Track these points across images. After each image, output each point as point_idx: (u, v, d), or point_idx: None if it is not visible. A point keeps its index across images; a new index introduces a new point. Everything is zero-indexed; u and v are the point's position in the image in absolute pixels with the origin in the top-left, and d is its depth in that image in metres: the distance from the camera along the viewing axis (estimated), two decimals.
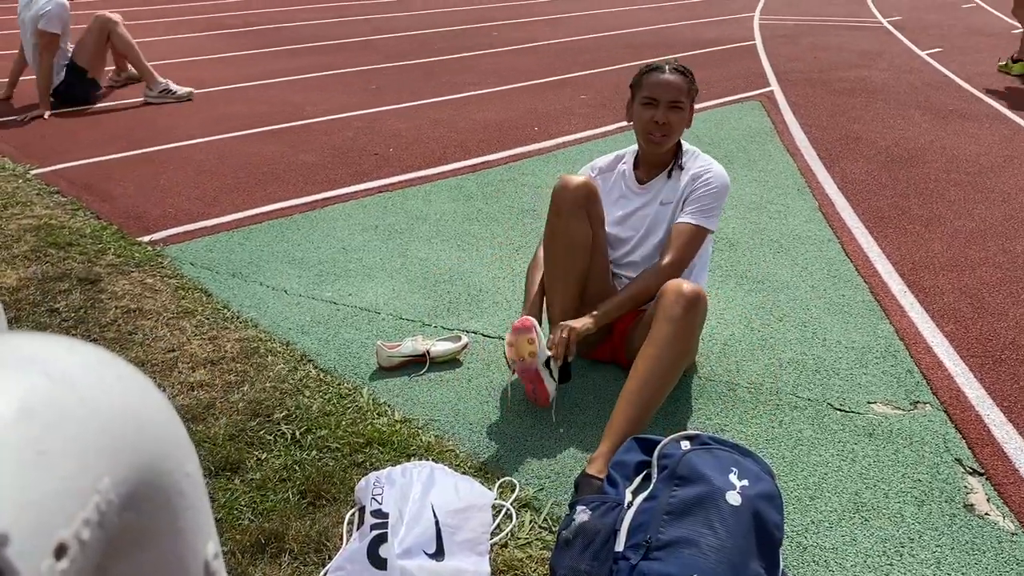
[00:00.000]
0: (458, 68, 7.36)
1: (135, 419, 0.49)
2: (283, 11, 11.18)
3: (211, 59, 7.76)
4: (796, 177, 4.35)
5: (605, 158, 2.66)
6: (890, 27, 9.58)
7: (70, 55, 5.80)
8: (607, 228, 2.49)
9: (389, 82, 6.76)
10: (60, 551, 0.41)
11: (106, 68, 6.15)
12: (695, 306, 2.11)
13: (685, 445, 1.67)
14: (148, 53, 6.35)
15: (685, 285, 2.13)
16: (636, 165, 2.54)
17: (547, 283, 2.45)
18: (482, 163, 4.63)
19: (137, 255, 3.36)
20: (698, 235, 2.39)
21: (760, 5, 11.64)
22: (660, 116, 2.36)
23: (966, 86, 6.50)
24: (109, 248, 3.42)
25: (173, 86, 6.12)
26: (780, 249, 3.46)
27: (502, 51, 8.21)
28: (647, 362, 2.06)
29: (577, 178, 2.38)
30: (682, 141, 2.50)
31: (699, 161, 2.47)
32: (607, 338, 2.52)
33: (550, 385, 2.28)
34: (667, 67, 2.39)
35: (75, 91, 5.89)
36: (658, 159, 2.47)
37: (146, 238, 3.56)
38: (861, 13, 10.84)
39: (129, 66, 6.36)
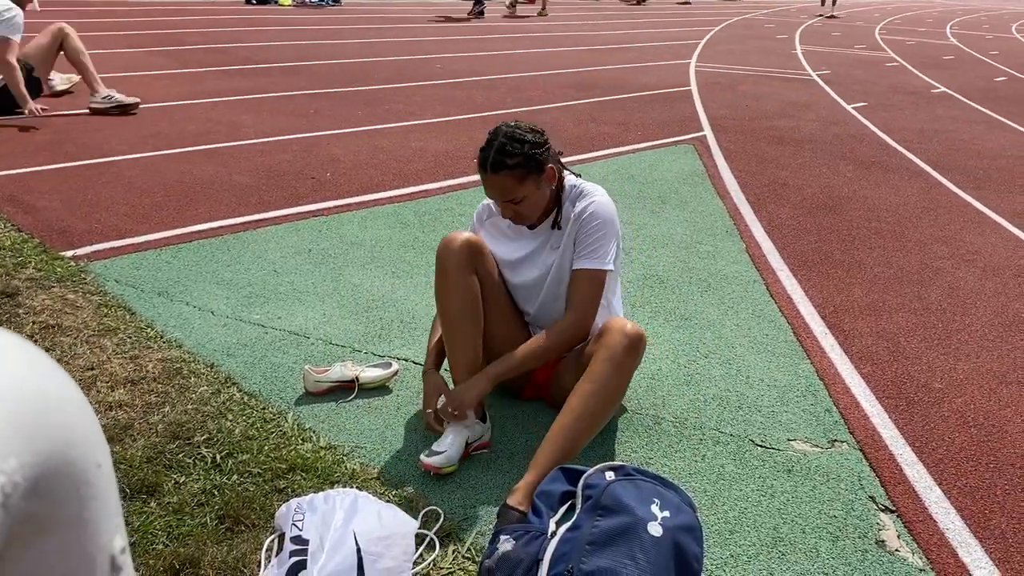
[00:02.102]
0: (400, 98, 7.38)
1: (45, 404, 0.48)
2: (216, 32, 11.07)
3: (149, 75, 7.62)
4: (725, 219, 4.47)
5: None
6: (819, 80, 9.96)
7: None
8: (508, 273, 2.45)
9: (329, 107, 6.74)
10: None
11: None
12: (636, 347, 2.13)
13: (609, 476, 1.68)
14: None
15: (628, 326, 2.14)
16: None
17: (446, 344, 2.35)
18: (420, 192, 4.64)
19: (59, 270, 3.26)
20: (596, 279, 2.32)
21: (696, 53, 12.00)
22: (506, 212, 2.29)
23: (888, 140, 6.78)
24: (29, 261, 3.32)
25: (118, 94, 6.03)
26: (708, 288, 3.54)
27: (444, 83, 8.27)
28: (582, 398, 2.06)
29: (461, 236, 2.32)
30: (563, 180, 2.37)
31: (582, 199, 2.34)
32: (529, 382, 2.52)
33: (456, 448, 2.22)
34: (488, 163, 2.19)
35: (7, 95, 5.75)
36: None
37: (69, 253, 3.46)
38: (792, 66, 11.25)
39: (53, 79, 6.28)
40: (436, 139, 5.88)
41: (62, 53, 6.01)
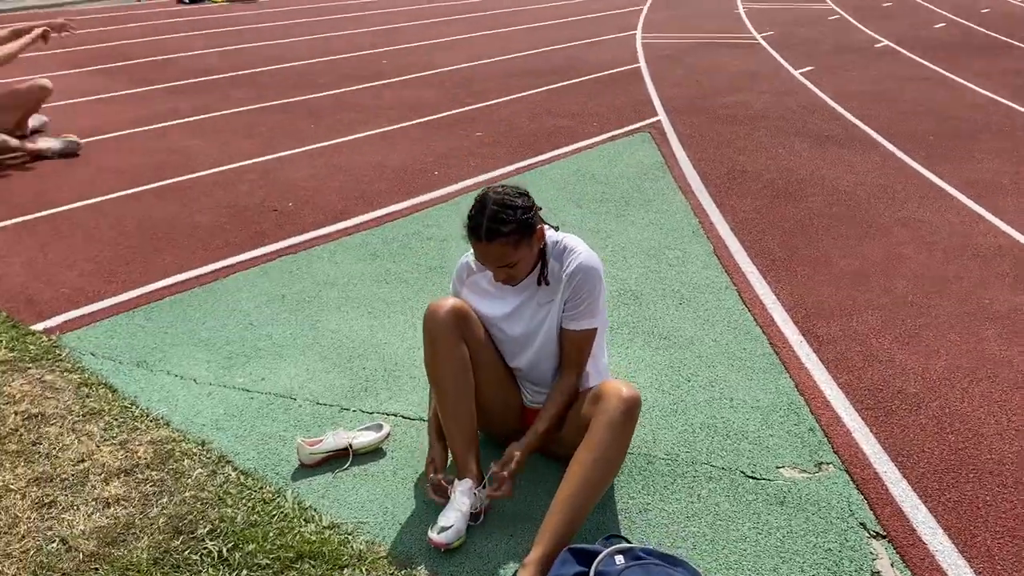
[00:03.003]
0: (349, 104, 7.29)
1: None
2: (156, 41, 10.80)
3: (88, 101, 7.44)
4: (690, 218, 4.52)
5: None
6: (765, 43, 10.03)
7: None
8: (493, 329, 2.47)
9: (276, 124, 6.64)
10: None
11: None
12: (633, 412, 2.17)
13: (619, 560, 1.73)
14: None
15: (625, 390, 2.17)
16: None
17: (440, 413, 2.37)
18: (385, 215, 4.62)
19: (32, 348, 3.22)
20: (588, 337, 2.38)
21: (641, 22, 11.99)
22: (498, 276, 2.29)
23: (839, 108, 6.88)
24: (1, 340, 3.26)
25: (56, 142, 5.86)
26: (682, 300, 3.59)
27: (393, 82, 8.18)
28: (583, 468, 2.10)
29: (446, 304, 2.34)
30: (546, 237, 2.35)
31: (568, 255, 2.35)
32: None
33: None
34: (483, 232, 2.18)
35: None
36: None
37: (40, 326, 3.41)
38: (737, 28, 11.30)
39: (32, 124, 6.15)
40: (392, 151, 5.84)
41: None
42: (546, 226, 2.42)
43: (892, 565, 2.14)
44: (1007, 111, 6.82)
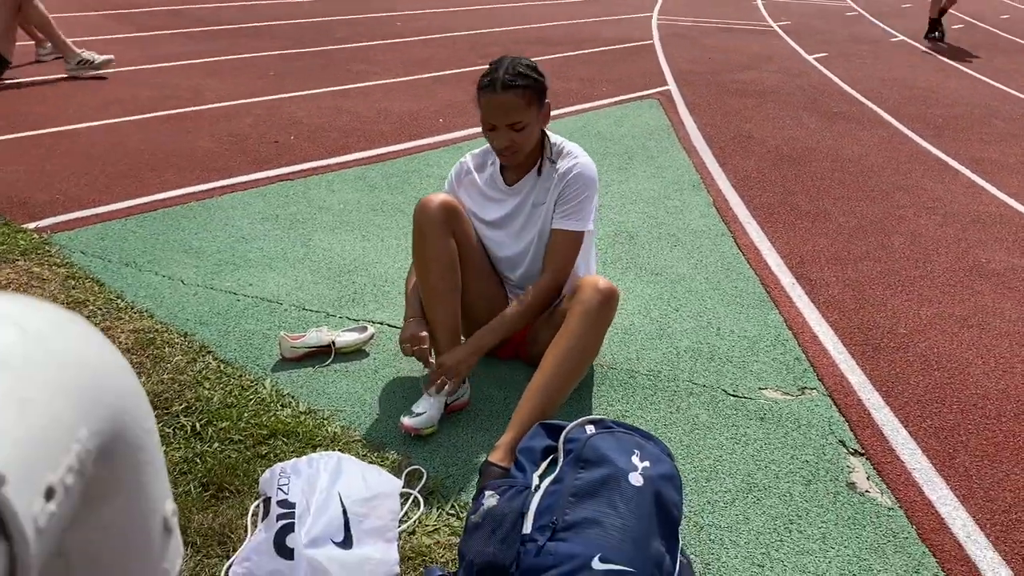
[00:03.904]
0: (361, 57, 7.27)
1: (101, 374, 0.51)
2: None
3: (102, 40, 7.41)
4: (692, 174, 4.50)
5: (477, 153, 2.53)
6: (780, 31, 9.98)
7: None
8: (485, 232, 2.46)
9: (289, 69, 6.63)
10: (49, 493, 0.44)
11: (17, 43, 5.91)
12: (609, 302, 2.16)
13: (590, 429, 1.72)
14: None
15: (601, 282, 2.16)
16: (503, 166, 2.43)
17: (425, 306, 2.35)
18: (387, 153, 4.60)
19: (22, 243, 3.20)
20: (575, 240, 2.35)
21: (658, 6, 11.94)
22: (502, 140, 2.25)
23: (849, 90, 6.84)
24: None
25: (89, 55, 5.99)
26: (677, 243, 3.57)
27: (406, 41, 8.16)
28: (558, 355, 2.09)
29: (437, 198, 2.32)
30: (547, 134, 2.39)
31: (566, 158, 2.36)
32: (505, 341, 2.54)
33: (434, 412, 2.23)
34: (499, 83, 2.17)
35: None
36: (522, 164, 2.39)
37: (32, 225, 3.40)
38: (753, 16, 11.25)
39: (47, 48, 6.28)
40: (400, 99, 5.82)
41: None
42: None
43: (868, 478, 2.13)
44: (1021, 104, 6.77)
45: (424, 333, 2.30)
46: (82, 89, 5.71)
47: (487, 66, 2.27)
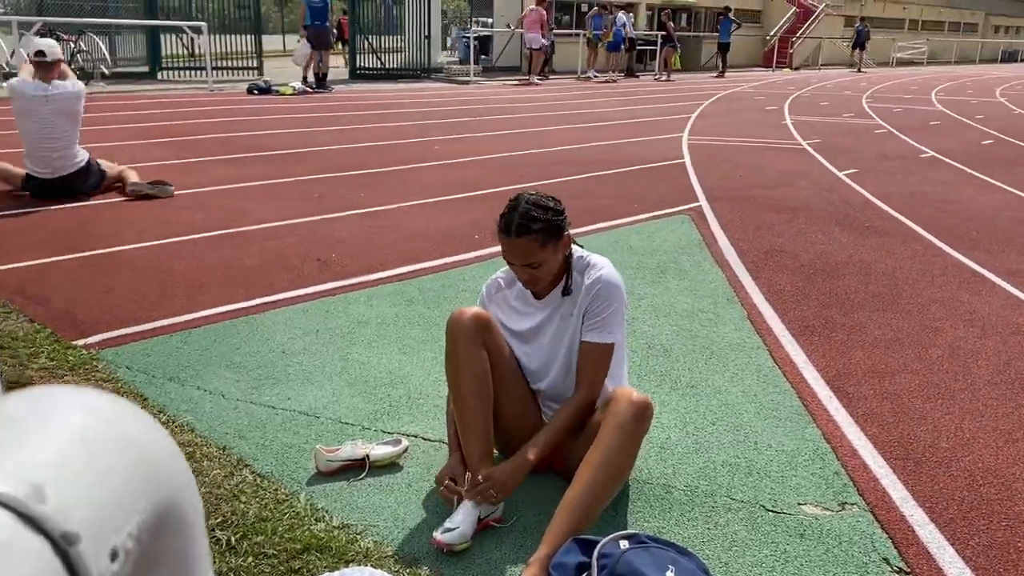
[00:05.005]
0: (399, 179, 7.55)
1: (159, 455, 0.59)
2: (229, 121, 11.36)
3: (155, 166, 7.80)
4: (725, 287, 4.53)
5: (508, 270, 2.56)
6: (810, 149, 10.18)
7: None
8: (515, 344, 2.50)
9: (331, 191, 6.89)
10: (114, 555, 0.51)
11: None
12: (644, 415, 2.18)
13: (624, 544, 1.70)
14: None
15: (635, 394, 2.19)
16: None
17: (457, 418, 2.39)
18: (424, 268, 4.72)
19: (71, 358, 3.31)
20: (605, 353, 2.38)
21: (688, 127, 12.28)
22: (522, 276, 2.36)
23: (881, 205, 6.91)
24: (42, 352, 3.37)
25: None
26: (712, 356, 3.58)
27: (441, 164, 8.46)
28: (592, 469, 2.09)
29: (469, 311, 2.40)
30: (573, 251, 2.45)
31: (591, 270, 2.41)
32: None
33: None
34: (512, 229, 2.25)
35: (92, 174, 6.35)
36: (550, 281, 2.43)
37: (81, 341, 3.52)
38: (783, 136, 11.51)
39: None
40: (437, 218, 6.00)
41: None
42: (573, 243, 2.48)
43: None
44: None
45: (456, 476, 2.35)
46: (132, 213, 5.98)
47: (512, 198, 2.35)
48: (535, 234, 2.25)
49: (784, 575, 2.12)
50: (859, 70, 29.52)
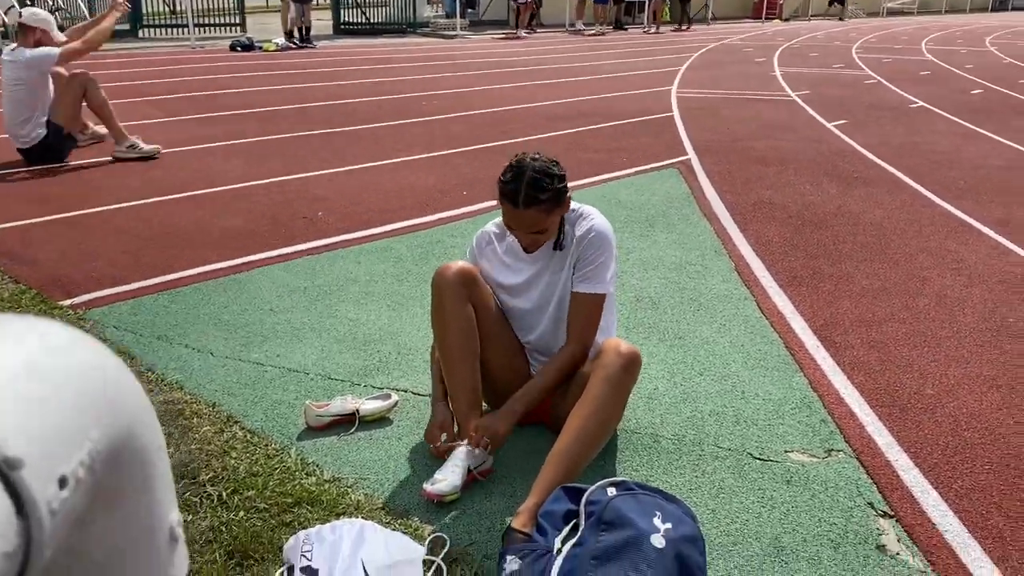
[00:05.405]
0: (387, 135, 7.47)
1: (113, 387, 0.58)
2: (213, 79, 11.20)
3: (140, 124, 7.70)
4: (713, 240, 4.53)
5: (498, 222, 2.54)
6: (799, 100, 10.12)
7: (47, 113, 5.89)
8: (504, 298, 2.50)
9: (318, 148, 6.82)
10: (62, 482, 0.50)
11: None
12: (632, 366, 2.18)
13: (611, 491, 1.72)
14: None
15: (623, 346, 2.19)
16: None
17: (444, 372, 2.40)
18: (413, 225, 4.70)
19: (58, 320, 3.29)
20: (596, 302, 2.37)
21: (677, 80, 12.17)
22: (523, 240, 2.35)
23: (870, 155, 6.89)
24: (28, 313, 3.35)
25: (140, 143, 6.30)
26: (700, 307, 3.59)
27: (429, 120, 8.37)
28: (581, 420, 2.10)
29: (455, 265, 2.38)
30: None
31: (582, 221, 2.39)
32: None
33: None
34: (520, 199, 2.20)
35: (53, 148, 5.96)
36: None
37: (67, 302, 3.50)
38: (772, 87, 11.42)
39: (92, 125, 6.60)
40: (425, 174, 5.96)
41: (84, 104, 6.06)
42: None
43: (899, 540, 2.09)
44: None
45: (446, 425, 2.38)
46: (121, 172, 5.91)
47: (514, 162, 2.27)
48: (543, 203, 2.22)
49: (770, 521, 2.15)
50: (840, 19, 29.46)
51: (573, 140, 7.35)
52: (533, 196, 2.22)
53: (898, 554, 2.03)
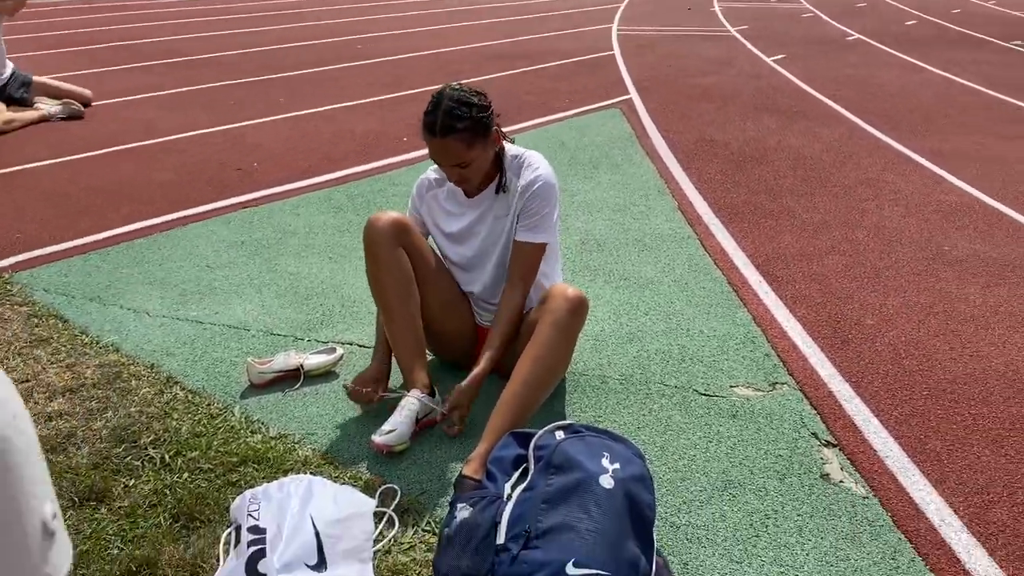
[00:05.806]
0: (321, 80, 7.27)
1: None
2: (133, 27, 10.73)
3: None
4: (656, 180, 4.53)
5: (436, 167, 2.44)
6: (738, 36, 10.11)
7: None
8: (447, 245, 2.46)
9: (249, 96, 6.61)
10: None
11: None
12: (579, 310, 2.16)
13: (559, 435, 1.71)
14: None
15: (570, 290, 2.16)
16: None
17: (385, 324, 2.35)
18: (352, 174, 4.59)
19: None
20: (539, 251, 2.34)
21: (617, 17, 12.05)
22: (451, 175, 2.27)
23: (808, 89, 6.93)
24: None
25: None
26: (644, 248, 3.59)
27: (366, 63, 8.16)
28: (529, 365, 2.09)
29: (385, 215, 2.32)
30: (504, 148, 2.36)
31: (527, 170, 2.32)
32: (474, 354, 2.52)
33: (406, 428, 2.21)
34: (437, 128, 2.15)
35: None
36: (481, 180, 2.34)
37: None
38: (712, 23, 11.39)
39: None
40: (362, 120, 5.82)
41: None
42: (504, 139, 2.40)
43: (842, 469, 2.13)
44: (976, 94, 6.89)
45: (380, 377, 2.37)
46: (46, 127, 5.65)
47: (434, 94, 2.24)
48: (461, 132, 2.15)
49: (717, 455, 2.18)
50: None
51: (516, 81, 7.24)
52: (450, 125, 2.15)
53: (842, 482, 2.08)
